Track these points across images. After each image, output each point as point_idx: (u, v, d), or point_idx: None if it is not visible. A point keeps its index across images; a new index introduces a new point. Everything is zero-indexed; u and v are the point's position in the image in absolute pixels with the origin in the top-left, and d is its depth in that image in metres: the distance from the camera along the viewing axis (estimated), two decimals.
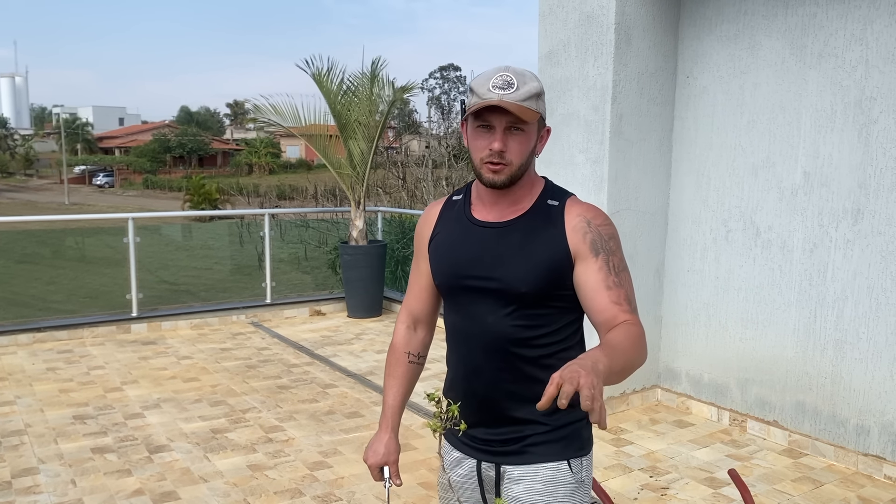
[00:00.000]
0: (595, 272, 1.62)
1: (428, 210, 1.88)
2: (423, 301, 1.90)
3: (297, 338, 6.97)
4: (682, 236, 4.88)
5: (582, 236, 1.64)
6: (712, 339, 4.75)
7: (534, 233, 1.67)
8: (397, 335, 1.93)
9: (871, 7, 3.83)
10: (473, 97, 1.62)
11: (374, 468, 1.87)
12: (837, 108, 4.01)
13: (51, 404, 5.00)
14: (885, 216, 3.85)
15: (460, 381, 1.78)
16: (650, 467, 4.05)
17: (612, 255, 1.64)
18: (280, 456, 4.19)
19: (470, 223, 1.74)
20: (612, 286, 1.61)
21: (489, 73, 1.63)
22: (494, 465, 1.76)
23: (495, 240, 1.69)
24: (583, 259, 1.63)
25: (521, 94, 1.59)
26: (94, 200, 48.77)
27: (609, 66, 4.49)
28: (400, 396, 1.89)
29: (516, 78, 1.60)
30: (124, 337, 6.88)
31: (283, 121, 7.95)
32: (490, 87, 1.59)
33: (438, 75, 55.20)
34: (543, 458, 1.71)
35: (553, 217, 1.68)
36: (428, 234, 1.84)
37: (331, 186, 27.46)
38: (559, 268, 1.64)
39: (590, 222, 1.66)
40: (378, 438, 1.88)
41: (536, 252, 1.65)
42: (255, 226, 8.78)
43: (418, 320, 1.92)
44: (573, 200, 1.71)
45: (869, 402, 3.98)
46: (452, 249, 1.75)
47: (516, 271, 1.64)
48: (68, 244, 9.91)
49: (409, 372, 1.92)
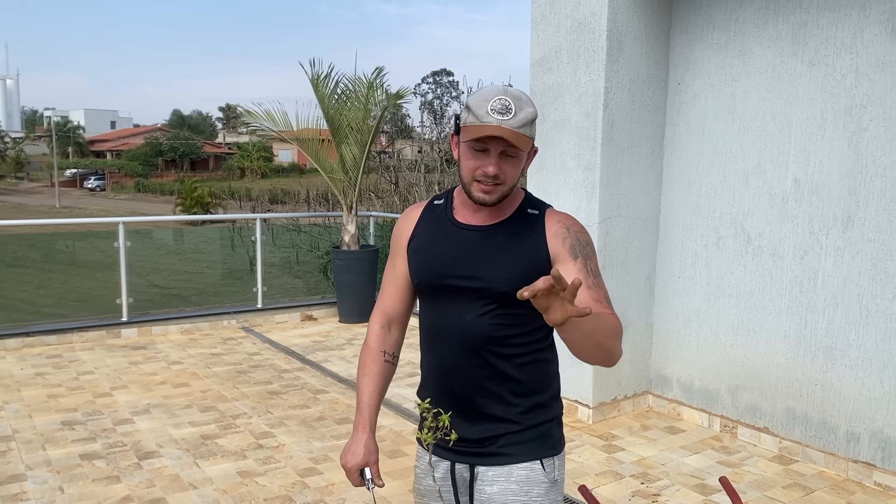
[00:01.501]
0: (574, 273, 1.67)
1: (408, 212, 1.90)
2: (398, 301, 1.91)
3: (288, 343, 6.95)
4: (674, 243, 4.89)
5: (562, 241, 1.71)
6: (703, 345, 4.76)
7: (516, 236, 1.73)
8: (372, 334, 1.93)
9: (861, 16, 3.85)
10: (470, 116, 1.65)
11: (354, 471, 1.82)
12: (828, 115, 4.03)
13: (39, 410, 4.96)
14: (875, 223, 3.86)
15: (435, 379, 1.81)
16: (641, 474, 4.05)
17: (590, 260, 1.72)
18: (270, 462, 4.17)
19: (453, 225, 1.79)
20: (591, 286, 1.67)
21: (488, 93, 1.66)
22: (469, 466, 1.78)
23: (478, 241, 1.74)
24: (562, 262, 1.70)
25: (518, 121, 1.63)
26: (85, 204, 48.56)
27: (601, 72, 4.50)
28: (376, 395, 1.88)
29: (514, 103, 1.63)
30: (114, 342, 6.84)
31: (274, 126, 7.95)
32: (489, 109, 1.62)
33: (431, 80, 55.24)
34: (517, 458, 1.75)
35: (534, 224, 1.75)
36: (407, 234, 1.86)
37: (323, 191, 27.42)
38: (540, 269, 1.69)
39: (569, 229, 1.74)
40: (356, 440, 1.83)
41: (519, 253, 1.71)
42: (247, 230, 8.74)
43: (392, 320, 1.93)
44: (552, 210, 1.80)
45: (859, 408, 3.99)
46: (434, 249, 1.79)
47: (499, 271, 1.70)
48: (59, 248, 9.85)
49: (385, 371, 1.91)
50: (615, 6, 4.46)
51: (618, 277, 4.75)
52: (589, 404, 4.79)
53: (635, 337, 4.94)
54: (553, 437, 1.81)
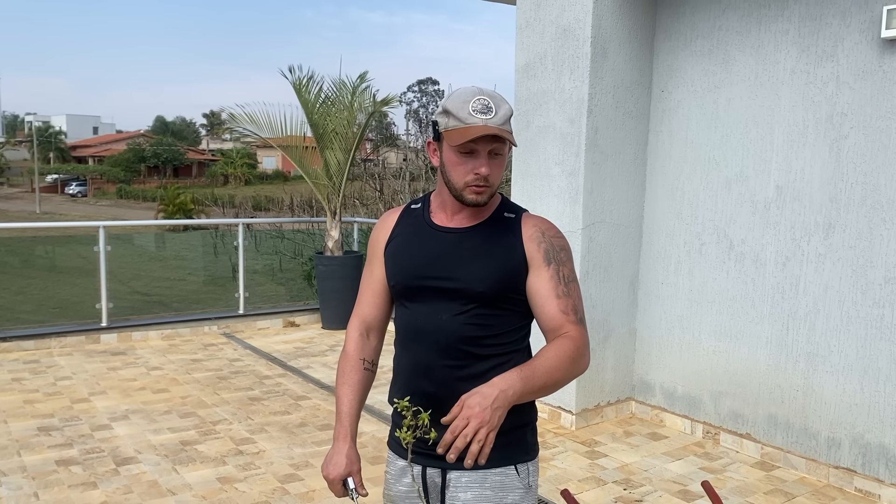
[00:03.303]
0: (546, 280, 1.70)
1: (385, 216, 1.90)
2: (376, 307, 1.89)
3: (269, 349, 6.89)
4: (657, 249, 4.90)
5: (537, 245, 1.72)
6: (686, 351, 4.77)
7: (493, 238, 1.74)
8: (350, 342, 1.90)
9: (842, 25, 3.89)
10: (451, 120, 1.65)
11: (337, 482, 1.79)
12: (809, 123, 4.06)
13: (15, 415, 4.88)
14: (856, 230, 3.89)
15: (408, 378, 1.80)
16: (624, 480, 4.04)
17: (563, 266, 1.72)
18: (251, 468, 4.12)
19: (430, 228, 1.79)
20: (560, 295, 1.69)
21: (462, 94, 1.66)
22: (440, 471, 1.76)
23: (456, 243, 1.75)
24: (536, 267, 1.71)
25: (500, 118, 1.64)
26: (66, 210, 48.10)
27: (585, 79, 4.51)
28: (357, 404, 1.86)
29: (493, 101, 1.64)
30: (93, 347, 6.75)
31: (259, 130, 7.91)
32: (471, 111, 1.62)
33: (417, 89, 55.33)
34: (491, 463, 1.71)
35: (511, 227, 1.76)
36: (384, 239, 1.86)
37: (307, 198, 27.33)
38: (515, 271, 1.71)
39: (544, 233, 1.75)
40: (337, 450, 1.80)
41: (495, 255, 1.72)
42: (230, 236, 8.68)
43: (371, 327, 1.91)
44: (528, 214, 1.81)
45: (840, 414, 4.01)
46: (411, 251, 1.79)
47: (476, 272, 1.71)
48: (38, 253, 9.75)
49: (364, 379, 1.89)
50: (599, 13, 4.48)
51: (601, 284, 4.75)
52: (572, 410, 4.78)
53: (618, 343, 4.94)
54: (527, 441, 1.79)
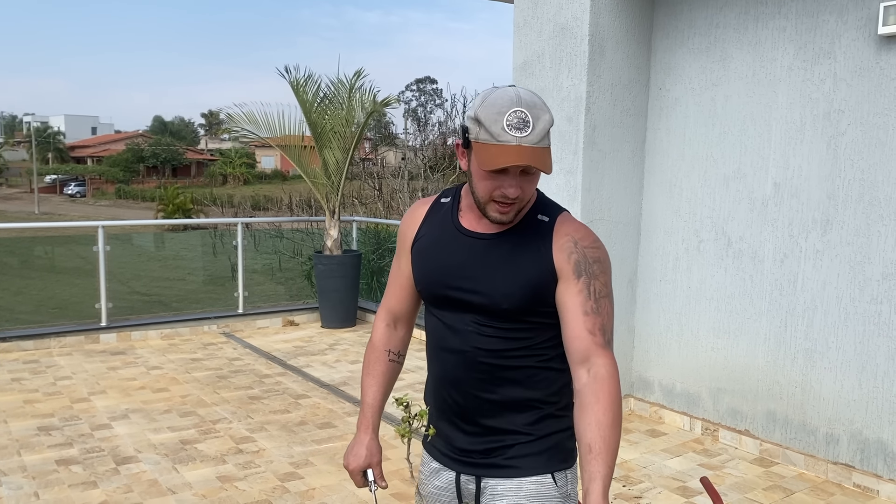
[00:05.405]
0: (574, 294, 1.58)
1: (414, 209, 1.80)
2: (403, 301, 1.84)
3: (269, 348, 6.90)
4: (655, 246, 4.91)
5: (567, 256, 1.60)
6: (685, 348, 4.78)
7: (521, 247, 1.62)
8: (377, 332, 1.86)
9: (839, 22, 3.90)
10: (482, 132, 1.51)
11: (357, 472, 1.77)
12: (807, 120, 4.07)
13: (15, 415, 4.89)
14: (853, 227, 3.90)
15: (439, 388, 1.74)
16: (623, 476, 4.05)
17: (595, 280, 1.59)
18: (250, 467, 4.13)
19: (457, 231, 1.69)
20: (589, 312, 1.57)
21: (498, 102, 1.50)
22: (475, 478, 1.70)
23: (482, 251, 1.64)
24: (565, 279, 1.59)
25: (538, 135, 1.49)
26: (65, 210, 48.09)
27: (583, 77, 4.52)
28: (380, 395, 1.82)
29: (530, 113, 1.49)
30: (93, 347, 6.76)
31: (257, 130, 7.91)
32: (505, 126, 1.48)
33: (415, 88, 55.34)
34: (527, 471, 1.66)
35: (542, 233, 1.63)
36: (412, 234, 1.77)
37: (306, 197, 27.33)
38: (543, 285, 1.60)
39: (577, 243, 1.61)
40: (358, 441, 1.78)
41: (522, 267, 1.61)
42: (229, 236, 8.68)
43: (398, 318, 1.86)
44: (564, 218, 1.66)
45: (838, 410, 4.02)
46: (437, 257, 1.70)
47: (501, 287, 1.61)
48: (37, 254, 9.74)
49: (389, 371, 1.84)
50: (597, 11, 4.49)
51: None
52: None
53: (617, 341, 4.94)
54: (565, 448, 1.71)
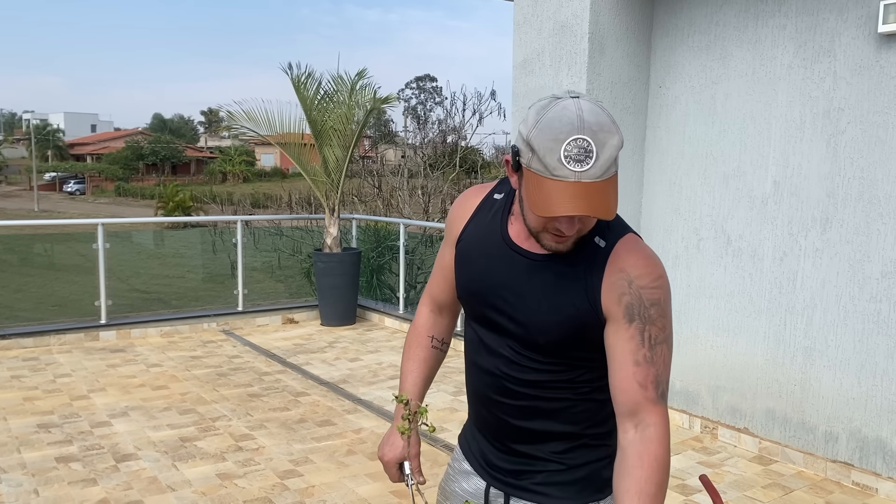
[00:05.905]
0: (625, 341, 1.38)
1: (465, 199, 1.63)
2: (445, 291, 1.71)
3: (268, 346, 6.90)
4: (654, 244, 4.91)
5: (618, 297, 1.39)
6: (684, 346, 4.78)
7: (567, 278, 1.43)
8: (420, 317, 1.74)
9: (839, 20, 3.90)
10: (535, 160, 1.28)
11: (392, 464, 1.65)
12: (806, 118, 4.07)
13: (14, 413, 4.89)
14: (853, 225, 3.90)
15: (472, 398, 1.65)
16: None
17: (651, 325, 1.38)
18: (250, 464, 4.13)
19: (502, 240, 1.51)
20: (640, 362, 1.37)
21: (557, 126, 1.26)
22: (504, 495, 1.60)
23: (524, 273, 1.46)
24: (614, 322, 1.40)
25: (601, 167, 1.26)
26: (64, 208, 48.07)
27: (583, 75, 4.51)
28: (420, 382, 1.68)
29: (594, 140, 1.25)
30: (92, 344, 6.76)
31: (257, 128, 7.90)
32: (562, 157, 1.25)
33: (415, 86, 55.32)
34: (557, 500, 1.54)
35: (595, 262, 1.41)
36: (457, 229, 1.61)
37: (305, 195, 27.31)
38: (587, 325, 1.42)
39: (632, 282, 1.39)
40: (394, 430, 1.64)
41: (564, 302, 1.42)
42: (229, 233, 8.68)
43: (442, 307, 1.74)
44: (624, 244, 1.43)
45: (837, 409, 4.02)
46: (477, 268, 1.55)
47: (538, 320, 1.45)
48: (37, 251, 9.73)
49: (432, 357, 1.72)
50: (597, 9, 4.48)
51: None
52: None
53: None
54: (600, 478, 1.55)
